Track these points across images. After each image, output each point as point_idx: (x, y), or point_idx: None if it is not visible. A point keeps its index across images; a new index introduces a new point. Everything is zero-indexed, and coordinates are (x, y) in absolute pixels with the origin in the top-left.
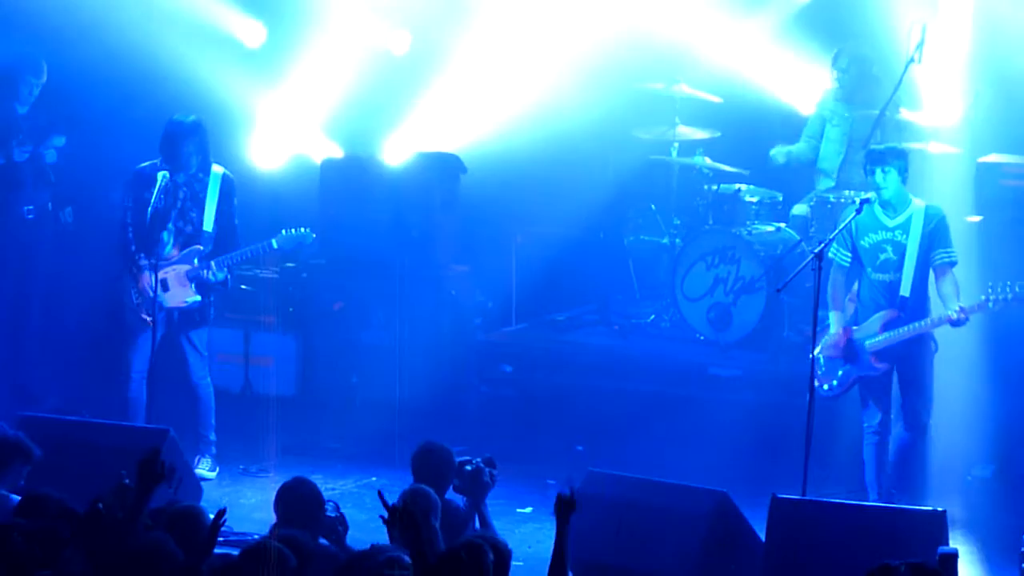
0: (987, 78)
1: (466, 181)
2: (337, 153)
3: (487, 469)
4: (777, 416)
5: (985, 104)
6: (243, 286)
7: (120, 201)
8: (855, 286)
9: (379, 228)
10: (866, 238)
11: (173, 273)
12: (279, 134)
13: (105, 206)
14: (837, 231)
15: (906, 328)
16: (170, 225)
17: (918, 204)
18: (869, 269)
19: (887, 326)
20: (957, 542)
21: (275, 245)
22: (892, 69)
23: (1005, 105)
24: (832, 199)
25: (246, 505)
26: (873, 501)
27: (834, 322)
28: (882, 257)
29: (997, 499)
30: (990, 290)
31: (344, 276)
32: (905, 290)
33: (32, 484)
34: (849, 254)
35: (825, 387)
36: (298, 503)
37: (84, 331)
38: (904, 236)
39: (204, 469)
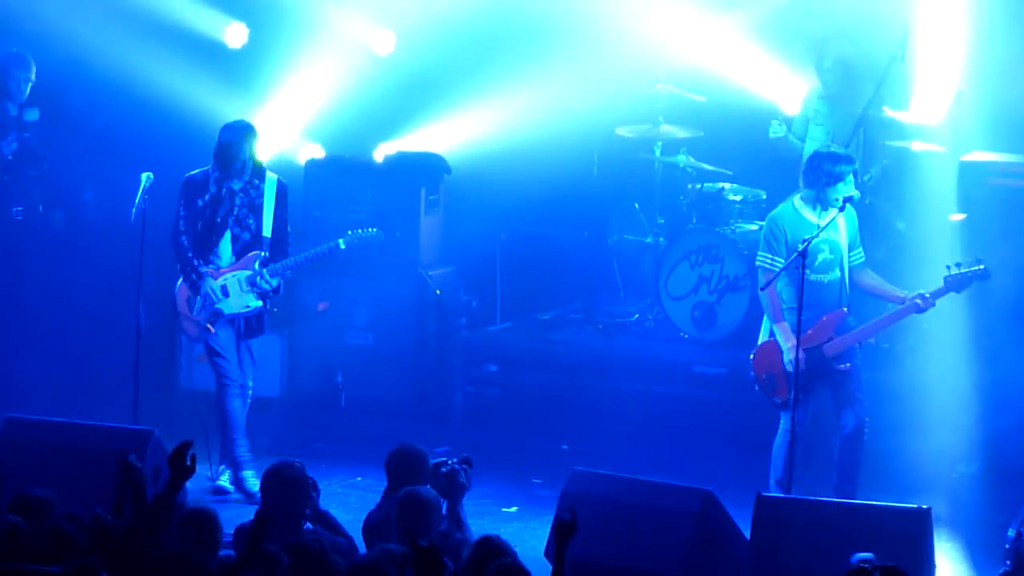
0: (971, 76)
1: (450, 181)
2: (320, 154)
3: (462, 469)
4: (761, 414)
5: (967, 103)
6: None
7: (175, 209)
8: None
9: (363, 228)
10: (801, 243)
11: (234, 279)
12: (262, 135)
13: (80, 207)
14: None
15: (873, 323)
16: (227, 233)
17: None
18: (807, 271)
19: (841, 329)
20: (942, 539)
21: (342, 246)
22: (876, 67)
23: (989, 103)
24: None
25: (230, 504)
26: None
27: (786, 335)
28: (820, 257)
29: (982, 496)
30: (947, 270)
31: (328, 276)
32: (846, 288)
33: (18, 484)
34: (782, 260)
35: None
36: (285, 487)
37: (72, 332)
38: (836, 234)
39: (225, 481)
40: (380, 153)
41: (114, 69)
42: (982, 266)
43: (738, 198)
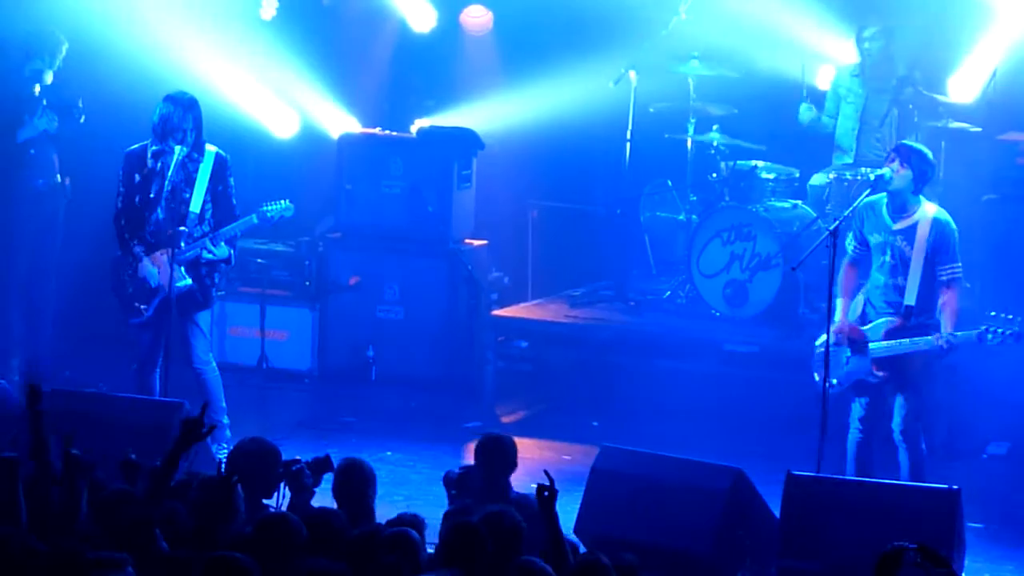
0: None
1: (483, 156)
2: (354, 127)
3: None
4: (792, 393)
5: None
6: (259, 259)
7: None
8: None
9: (395, 203)
10: (872, 236)
11: (163, 258)
12: (297, 108)
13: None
14: (851, 208)
15: (904, 342)
16: (160, 207)
17: (928, 211)
18: (874, 267)
19: (890, 334)
20: (972, 520)
21: (255, 220)
22: (911, 45)
23: None
24: (849, 176)
25: None
26: None
27: (838, 309)
28: (882, 259)
29: (1012, 477)
30: (990, 323)
31: (360, 250)
32: (910, 299)
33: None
34: (856, 244)
35: (831, 382)
36: (249, 463)
37: (101, 304)
38: (906, 244)
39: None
40: (414, 128)
41: (141, 39)
42: (1017, 329)
43: (771, 176)
